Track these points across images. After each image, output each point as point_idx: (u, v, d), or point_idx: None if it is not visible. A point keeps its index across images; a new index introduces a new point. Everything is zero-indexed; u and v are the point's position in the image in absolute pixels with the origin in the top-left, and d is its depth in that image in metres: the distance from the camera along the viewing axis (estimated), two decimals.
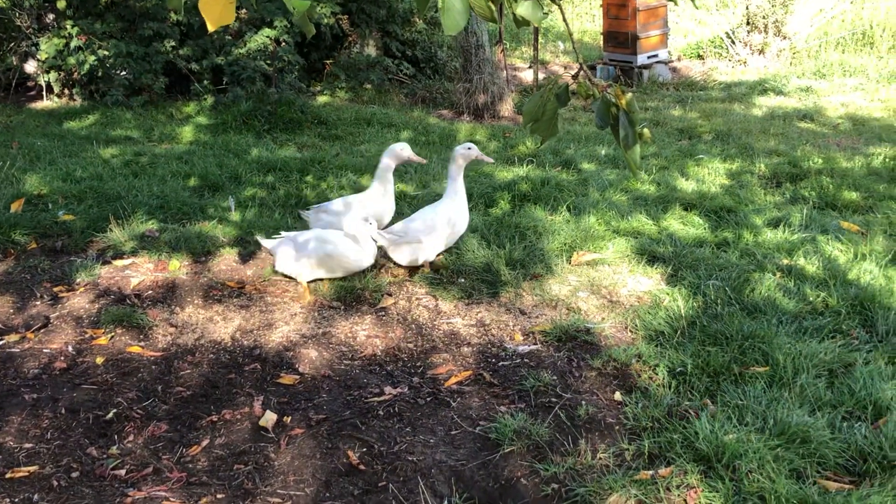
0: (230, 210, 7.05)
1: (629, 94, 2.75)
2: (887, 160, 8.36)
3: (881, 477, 3.62)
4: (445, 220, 5.80)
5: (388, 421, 4.23)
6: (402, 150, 6.10)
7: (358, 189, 7.58)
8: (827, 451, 3.78)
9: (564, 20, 2.81)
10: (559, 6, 2.77)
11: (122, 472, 3.88)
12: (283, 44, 11.55)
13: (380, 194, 6.10)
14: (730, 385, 4.34)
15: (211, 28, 2.43)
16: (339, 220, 5.88)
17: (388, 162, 6.12)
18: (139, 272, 5.86)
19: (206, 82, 11.34)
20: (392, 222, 6.09)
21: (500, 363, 4.77)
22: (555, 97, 2.83)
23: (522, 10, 2.63)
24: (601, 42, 14.12)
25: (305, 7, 2.46)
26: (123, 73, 11.18)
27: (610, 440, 4.00)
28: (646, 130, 2.87)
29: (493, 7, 2.57)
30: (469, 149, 5.94)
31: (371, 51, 13.24)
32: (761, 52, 14.33)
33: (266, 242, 5.74)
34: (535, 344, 4.95)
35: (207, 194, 7.59)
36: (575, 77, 2.81)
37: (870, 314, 5.07)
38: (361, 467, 3.88)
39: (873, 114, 10.59)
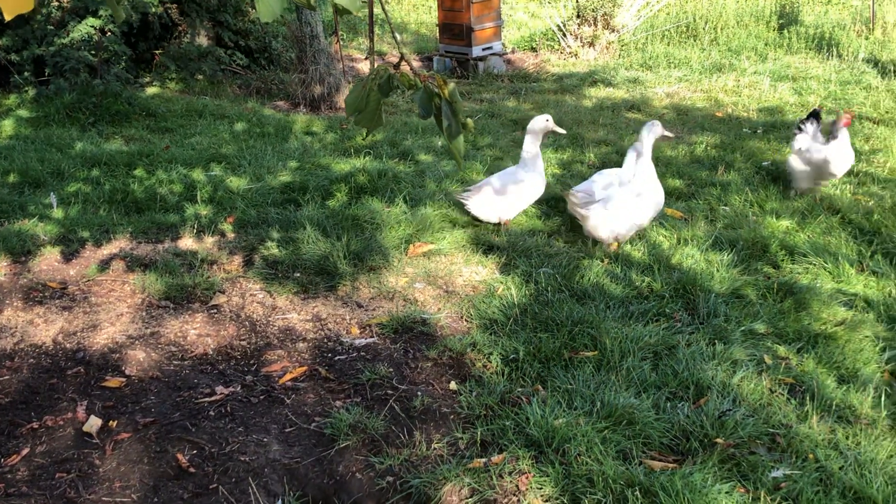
0: (52, 207, 6.72)
1: (451, 85, 2.75)
2: (709, 148, 8.71)
3: (703, 455, 3.76)
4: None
5: (220, 421, 4.12)
6: (548, 121, 6.46)
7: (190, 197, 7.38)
8: (652, 431, 3.90)
9: (383, 9, 2.78)
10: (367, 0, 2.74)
11: None
12: (109, 33, 11.10)
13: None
14: (560, 370, 4.43)
15: (7, 16, 2.28)
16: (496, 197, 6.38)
17: (531, 136, 6.47)
18: None
19: (26, 74, 10.77)
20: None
21: (337, 357, 4.72)
22: (377, 88, 2.80)
23: None
24: (438, 34, 14.20)
25: None
26: None
27: (445, 430, 4.02)
28: (469, 120, 2.88)
29: None
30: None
31: (202, 41, 12.89)
32: (591, 44, 14.70)
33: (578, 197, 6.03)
34: (372, 337, 4.93)
35: (28, 191, 7.22)
36: (396, 67, 2.79)
37: (692, 297, 5.27)
38: (191, 470, 3.77)
39: (696, 104, 11.02)
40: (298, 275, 5.67)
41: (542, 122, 6.43)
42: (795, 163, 7.22)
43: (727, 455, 3.75)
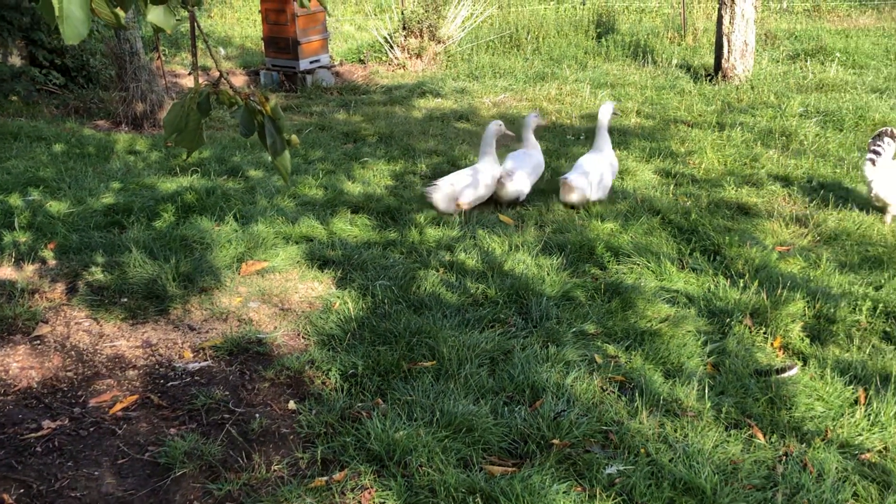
0: None
1: (273, 101, 2.72)
2: None
3: (541, 456, 3.84)
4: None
5: (48, 457, 3.94)
6: (500, 126, 7.49)
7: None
8: (491, 436, 3.96)
9: (198, 25, 2.72)
10: (190, 12, 2.68)
11: None
12: None
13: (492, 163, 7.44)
14: (400, 382, 4.44)
15: None
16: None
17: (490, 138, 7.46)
18: None
19: None
20: None
21: (170, 383, 4.59)
22: (197, 107, 2.74)
23: (153, 16, 2.52)
24: (264, 47, 14.02)
25: None
26: None
27: (285, 451, 3.97)
28: (294, 137, 2.85)
29: (120, 13, 2.44)
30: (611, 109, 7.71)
31: (15, 60, 12.31)
32: (419, 55, 14.84)
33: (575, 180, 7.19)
34: (206, 360, 4.82)
35: None
36: (216, 85, 2.74)
37: (525, 302, 5.38)
38: None
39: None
40: (126, 300, 5.49)
41: (495, 127, 7.46)
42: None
43: (564, 455, 3.85)
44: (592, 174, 7.27)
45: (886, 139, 6.95)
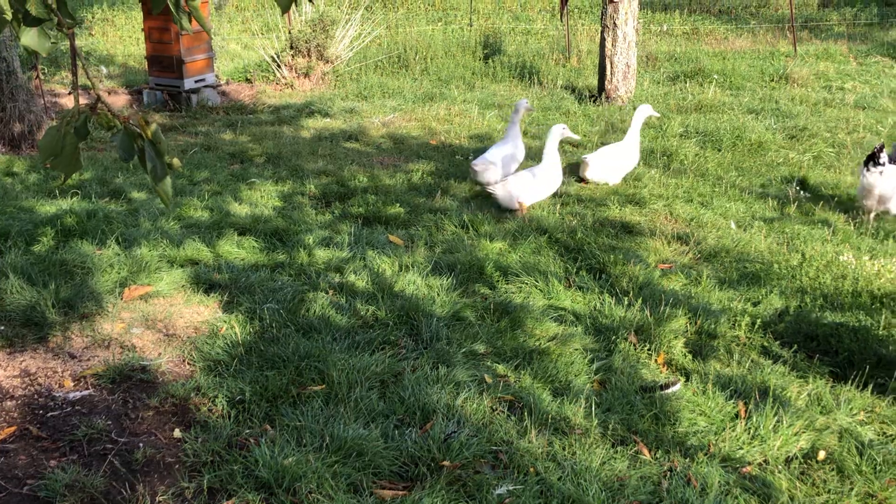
0: None
1: (154, 125, 2.66)
2: (425, 175, 8.97)
3: (431, 479, 3.84)
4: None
5: None
6: (564, 129, 8.01)
7: None
8: (381, 460, 3.95)
9: (74, 50, 2.65)
10: (70, 34, 2.60)
11: None
12: None
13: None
14: (288, 407, 4.39)
15: None
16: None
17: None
18: None
19: None
20: None
21: (50, 414, 4.43)
22: (74, 131, 2.66)
23: (27, 39, 2.45)
24: (147, 66, 13.74)
25: None
26: None
27: (170, 480, 3.87)
28: (175, 160, 2.79)
29: None
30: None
31: None
32: (307, 75, 14.75)
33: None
34: (88, 389, 4.67)
35: None
36: (94, 108, 2.67)
37: (415, 323, 5.39)
38: None
39: (411, 132, 11.30)
40: (3, 328, 5.29)
41: (559, 129, 7.99)
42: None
43: (454, 477, 3.86)
44: (611, 160, 8.58)
45: (885, 152, 7.44)
